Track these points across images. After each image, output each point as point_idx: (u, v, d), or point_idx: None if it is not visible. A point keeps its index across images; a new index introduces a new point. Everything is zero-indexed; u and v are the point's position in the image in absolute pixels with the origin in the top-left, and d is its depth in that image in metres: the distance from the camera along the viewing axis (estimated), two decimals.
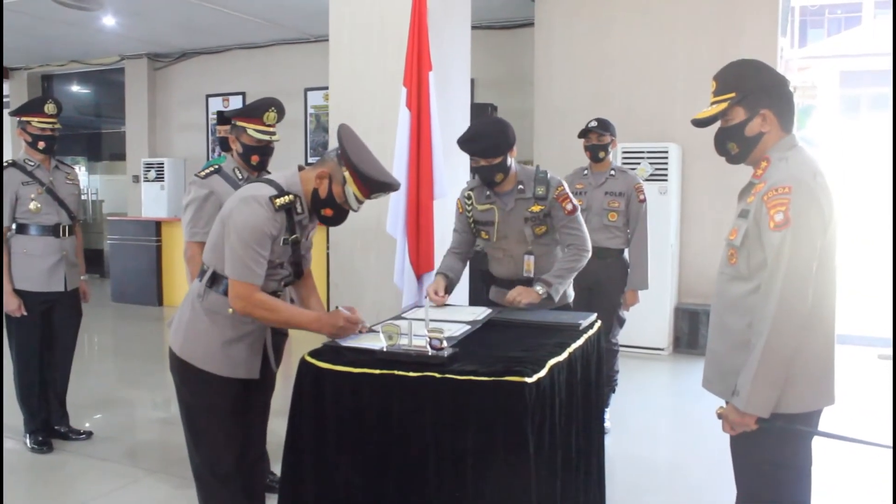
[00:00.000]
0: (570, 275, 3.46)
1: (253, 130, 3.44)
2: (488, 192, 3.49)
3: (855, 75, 23.16)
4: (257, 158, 3.50)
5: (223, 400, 2.70)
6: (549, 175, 3.46)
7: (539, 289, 3.34)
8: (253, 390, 2.82)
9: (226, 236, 2.57)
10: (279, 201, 2.55)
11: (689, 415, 5.41)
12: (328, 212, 2.67)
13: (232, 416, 2.73)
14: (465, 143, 3.40)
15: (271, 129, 3.50)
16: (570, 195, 3.49)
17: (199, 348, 2.67)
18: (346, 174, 2.57)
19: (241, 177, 3.49)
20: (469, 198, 3.55)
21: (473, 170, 3.43)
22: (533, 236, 3.46)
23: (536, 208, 3.43)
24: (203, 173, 3.51)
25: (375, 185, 2.58)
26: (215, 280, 2.66)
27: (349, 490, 2.44)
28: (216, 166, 3.53)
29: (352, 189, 2.58)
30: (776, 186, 2.21)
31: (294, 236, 2.65)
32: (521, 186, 3.44)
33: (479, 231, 3.57)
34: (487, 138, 3.34)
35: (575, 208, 3.48)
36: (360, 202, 2.63)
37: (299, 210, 2.64)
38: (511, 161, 3.39)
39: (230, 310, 2.62)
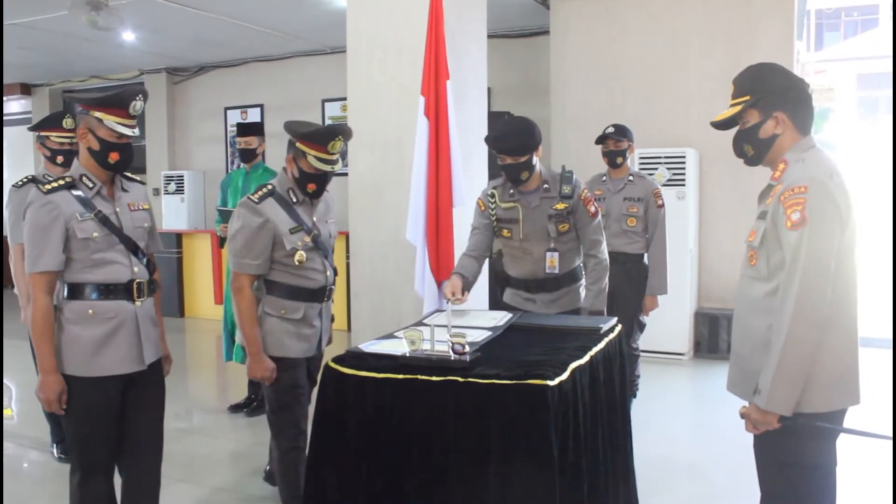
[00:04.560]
0: (604, 292, 3.60)
1: (314, 158, 3.14)
2: (512, 191, 3.56)
3: (872, 77, 22.98)
4: (314, 186, 3.24)
5: (102, 401, 2.77)
6: (574, 176, 3.55)
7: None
8: (139, 385, 2.88)
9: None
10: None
11: (710, 419, 5.38)
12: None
13: (110, 416, 2.80)
14: (495, 140, 3.51)
15: (334, 158, 3.20)
16: (592, 198, 3.60)
17: (74, 357, 2.74)
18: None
19: (295, 199, 3.26)
20: (493, 196, 3.62)
21: (500, 167, 3.50)
22: (556, 233, 3.52)
23: (561, 206, 3.50)
24: (256, 196, 3.22)
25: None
26: (71, 290, 2.75)
27: (372, 494, 2.46)
28: (270, 186, 3.27)
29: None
30: (792, 186, 2.23)
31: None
32: (546, 185, 3.53)
33: (500, 229, 3.62)
34: (516, 137, 3.44)
35: (597, 211, 3.58)
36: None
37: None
38: (536, 161, 3.48)
39: (90, 311, 2.73)
